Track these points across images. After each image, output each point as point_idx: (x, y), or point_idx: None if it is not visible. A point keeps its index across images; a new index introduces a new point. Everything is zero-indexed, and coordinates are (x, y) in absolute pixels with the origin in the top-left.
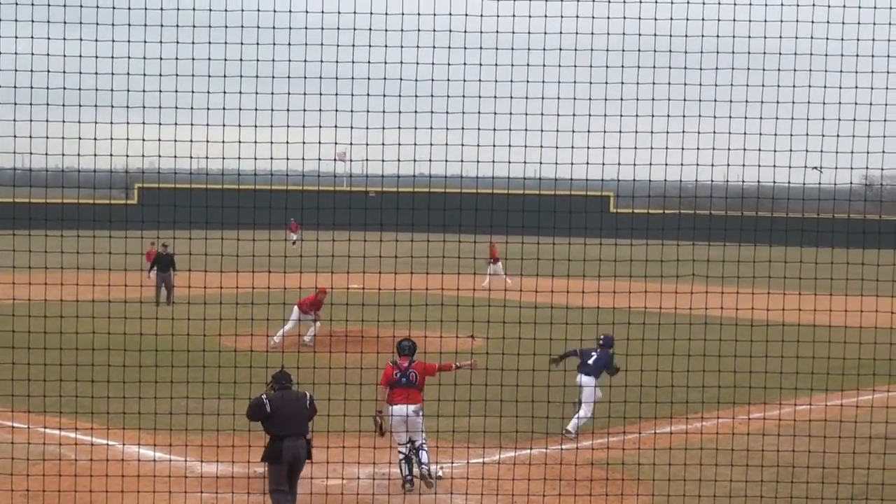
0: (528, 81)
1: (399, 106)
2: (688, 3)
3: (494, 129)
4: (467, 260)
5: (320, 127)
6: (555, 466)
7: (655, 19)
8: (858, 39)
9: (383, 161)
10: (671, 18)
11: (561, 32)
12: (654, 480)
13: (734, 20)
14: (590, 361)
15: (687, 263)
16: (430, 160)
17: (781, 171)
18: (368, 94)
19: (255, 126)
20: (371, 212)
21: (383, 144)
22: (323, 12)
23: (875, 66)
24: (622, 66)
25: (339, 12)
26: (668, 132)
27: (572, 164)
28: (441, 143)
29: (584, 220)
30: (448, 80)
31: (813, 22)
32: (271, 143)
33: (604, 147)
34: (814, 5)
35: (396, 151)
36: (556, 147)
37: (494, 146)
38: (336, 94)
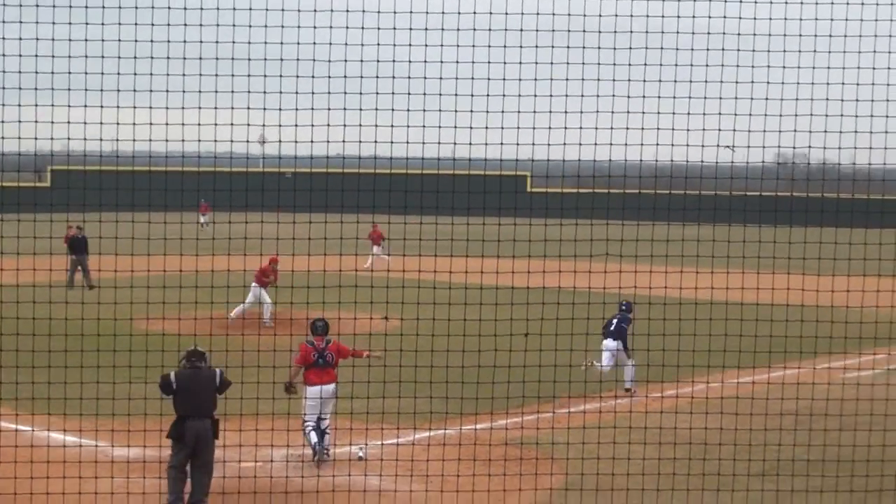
0: (441, 62)
1: (312, 87)
2: None
3: (408, 110)
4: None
5: (233, 108)
6: (469, 446)
7: None
8: (771, 18)
9: (296, 143)
10: None
11: (475, 12)
12: (568, 459)
13: None
14: (612, 327)
15: (601, 242)
16: (344, 141)
17: (694, 150)
18: (281, 76)
19: (167, 108)
20: (285, 193)
21: (296, 126)
22: None
23: (787, 45)
24: (536, 46)
25: None
26: (582, 112)
27: (486, 144)
28: (355, 125)
29: (499, 200)
30: (361, 60)
31: (726, 1)
32: (183, 124)
33: (518, 127)
34: None
35: (310, 133)
36: (471, 127)
37: (408, 127)
38: (248, 76)
